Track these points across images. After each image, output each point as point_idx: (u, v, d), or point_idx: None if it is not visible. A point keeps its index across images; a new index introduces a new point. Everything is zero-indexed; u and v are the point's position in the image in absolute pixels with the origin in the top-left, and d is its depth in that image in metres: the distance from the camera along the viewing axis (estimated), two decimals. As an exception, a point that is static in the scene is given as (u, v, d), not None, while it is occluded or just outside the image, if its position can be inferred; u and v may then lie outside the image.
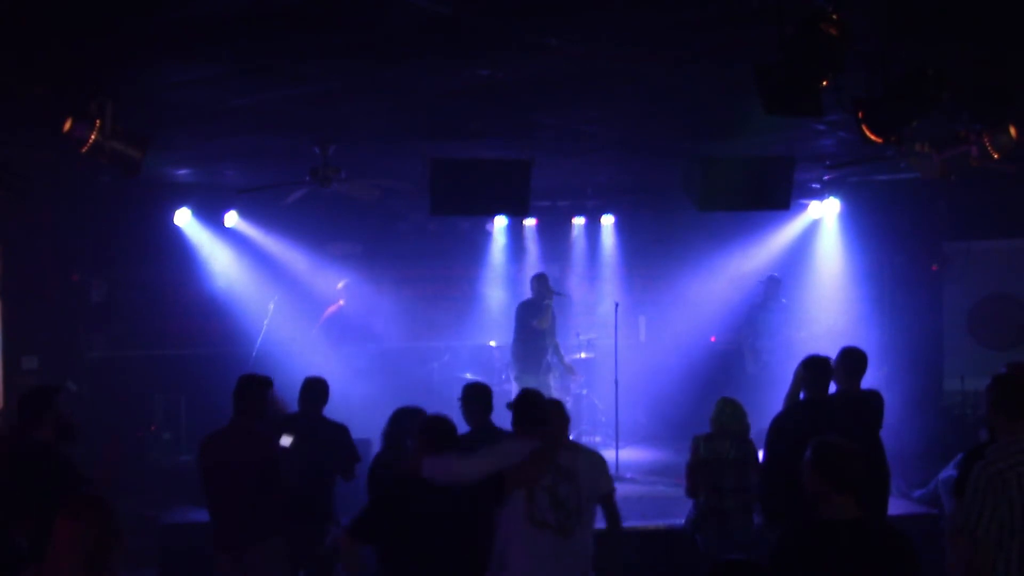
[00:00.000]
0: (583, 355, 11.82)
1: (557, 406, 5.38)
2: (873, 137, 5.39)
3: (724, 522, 6.38)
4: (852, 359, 6.34)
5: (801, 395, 6.38)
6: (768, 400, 6.98)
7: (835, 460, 3.86)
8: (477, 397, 5.94)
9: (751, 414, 6.75)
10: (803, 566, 3.76)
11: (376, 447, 8.47)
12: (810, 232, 12.12)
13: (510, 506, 4.85)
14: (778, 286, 11.65)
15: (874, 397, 6.43)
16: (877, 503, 5.91)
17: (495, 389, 11.12)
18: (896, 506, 8.36)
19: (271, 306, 11.05)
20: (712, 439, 6.49)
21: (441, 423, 4.85)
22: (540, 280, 10.86)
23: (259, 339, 10.89)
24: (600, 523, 5.53)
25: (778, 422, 6.17)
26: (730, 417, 6.53)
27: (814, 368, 6.16)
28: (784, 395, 6.56)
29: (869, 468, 4.13)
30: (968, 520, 4.28)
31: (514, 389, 10.70)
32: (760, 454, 6.48)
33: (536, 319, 10.62)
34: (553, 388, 11.13)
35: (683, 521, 6.92)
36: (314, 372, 6.82)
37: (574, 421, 10.82)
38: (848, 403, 6.18)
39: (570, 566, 5.02)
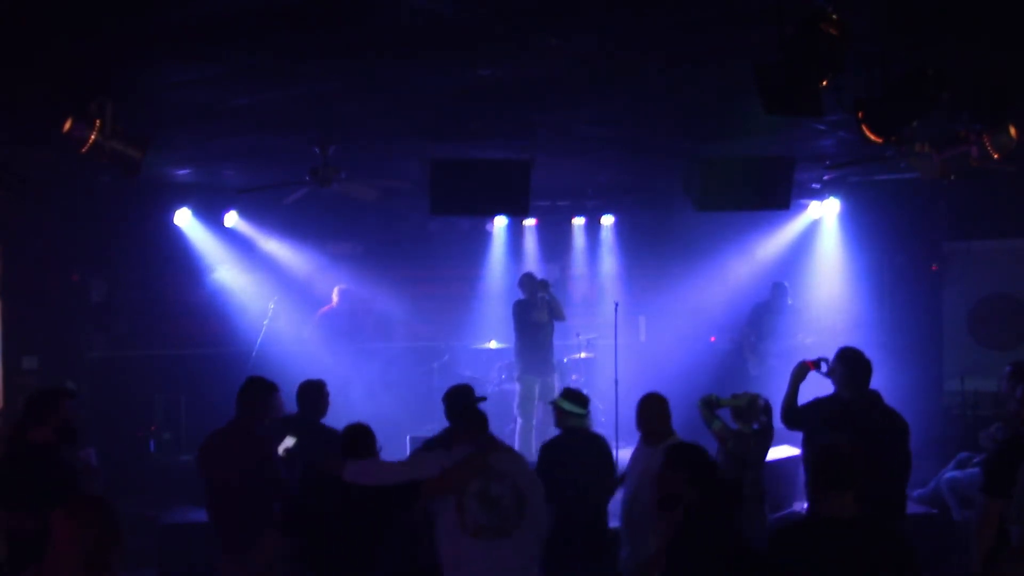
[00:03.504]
0: (583, 355, 11.82)
1: None
2: (873, 137, 5.39)
3: (740, 508, 6.38)
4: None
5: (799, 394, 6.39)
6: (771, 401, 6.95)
7: (831, 459, 3.89)
8: (455, 398, 6.06)
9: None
10: (799, 561, 3.78)
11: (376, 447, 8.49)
12: (810, 232, 12.12)
13: (443, 519, 4.93)
14: (784, 292, 11.64)
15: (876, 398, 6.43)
16: (895, 503, 5.91)
17: (494, 389, 11.22)
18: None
19: (271, 306, 11.06)
20: (739, 437, 6.47)
21: (357, 429, 5.34)
22: (528, 278, 10.87)
23: (259, 339, 10.89)
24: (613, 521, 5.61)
25: (810, 416, 6.11)
26: (754, 410, 6.55)
27: (854, 363, 6.08)
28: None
29: (872, 467, 4.13)
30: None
31: (515, 389, 10.71)
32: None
33: (534, 312, 10.61)
34: (556, 388, 11.13)
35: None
36: (314, 372, 6.82)
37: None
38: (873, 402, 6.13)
39: (514, 565, 5.00)
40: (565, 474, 6.00)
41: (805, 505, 6.20)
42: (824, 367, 6.32)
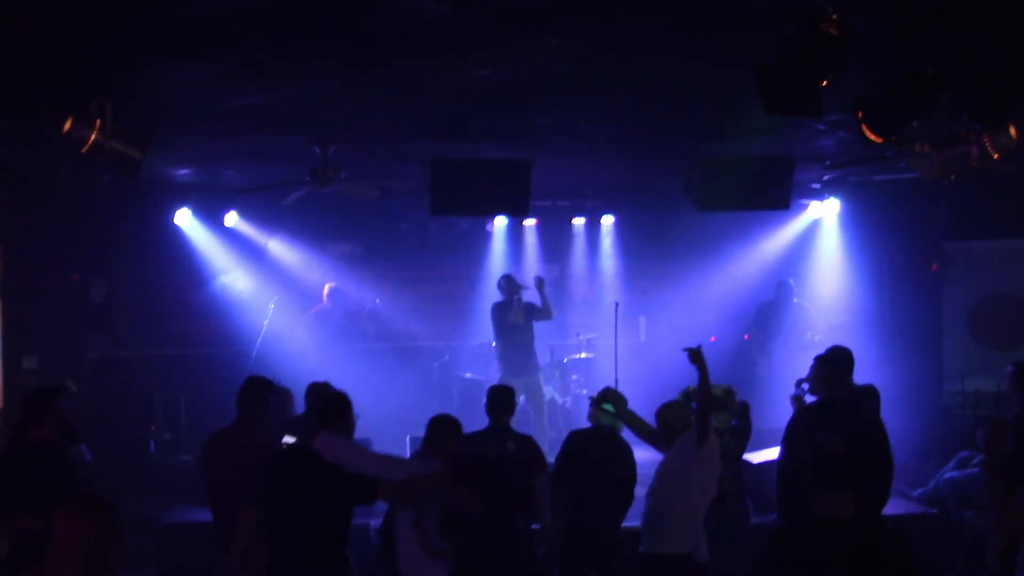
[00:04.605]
0: (583, 355, 11.81)
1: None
2: (873, 137, 5.39)
3: (721, 505, 6.44)
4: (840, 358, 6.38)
5: (807, 397, 6.43)
6: (778, 401, 6.97)
7: (828, 459, 3.88)
8: (493, 397, 6.29)
9: (762, 414, 6.79)
10: (796, 562, 3.78)
11: (376, 447, 8.51)
12: (810, 232, 12.12)
13: (403, 535, 4.87)
14: (789, 291, 11.62)
15: (870, 393, 6.46)
16: (874, 500, 5.92)
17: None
18: (896, 506, 8.36)
19: (271, 306, 11.05)
20: (715, 433, 6.54)
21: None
22: (506, 281, 10.84)
23: (259, 339, 10.89)
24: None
25: (790, 426, 6.19)
26: (731, 402, 6.64)
27: (824, 366, 6.16)
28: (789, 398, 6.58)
29: (866, 466, 4.14)
30: None
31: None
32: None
33: (511, 314, 10.59)
34: (551, 389, 11.13)
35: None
36: (315, 373, 6.84)
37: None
38: (849, 401, 6.19)
39: None
40: (581, 465, 6.24)
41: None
42: (807, 387, 6.40)
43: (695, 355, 5.74)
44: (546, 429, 10.47)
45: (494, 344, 11.96)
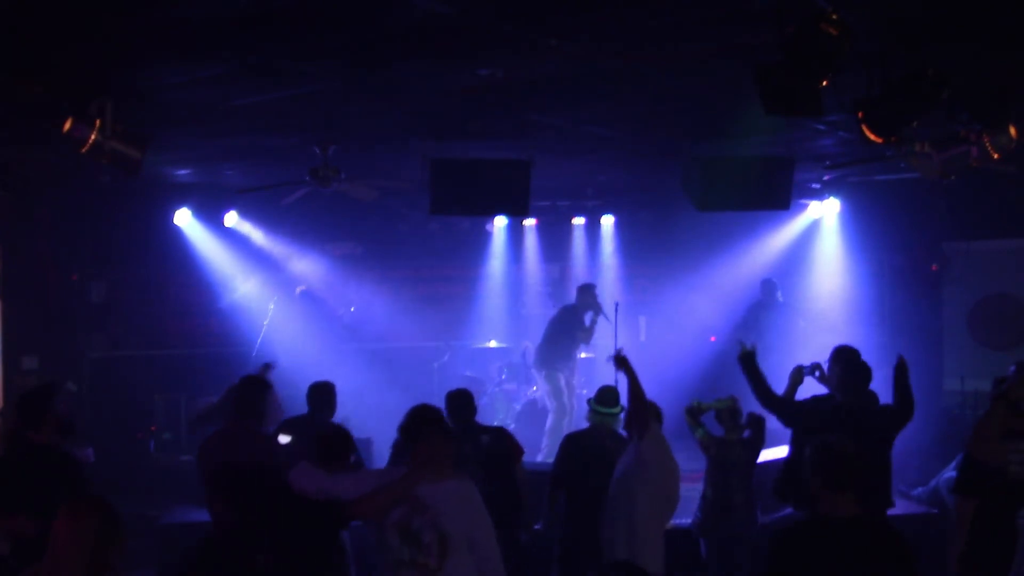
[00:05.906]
0: (583, 355, 11.81)
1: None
2: (873, 137, 5.39)
3: (731, 517, 6.43)
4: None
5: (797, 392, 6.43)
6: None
7: (832, 460, 3.90)
8: (454, 403, 6.39)
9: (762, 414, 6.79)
10: (801, 561, 3.79)
11: (376, 446, 8.53)
12: (810, 232, 12.12)
13: (379, 549, 4.73)
14: (774, 288, 11.63)
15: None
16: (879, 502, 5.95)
17: (493, 390, 11.21)
18: (896, 506, 8.36)
19: (271, 306, 11.06)
20: (723, 444, 6.56)
21: (331, 433, 5.11)
22: (587, 291, 10.77)
23: (259, 339, 10.90)
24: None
25: (816, 414, 6.13)
26: (738, 413, 6.66)
27: (851, 366, 6.12)
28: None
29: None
30: None
31: (519, 389, 10.72)
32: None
33: (581, 331, 10.57)
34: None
35: (688, 522, 6.94)
36: (311, 371, 6.84)
37: (576, 421, 10.94)
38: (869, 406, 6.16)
39: None
40: (577, 466, 6.31)
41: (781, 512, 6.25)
42: (818, 374, 6.37)
43: (620, 361, 5.96)
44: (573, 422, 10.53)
45: (493, 343, 11.96)
